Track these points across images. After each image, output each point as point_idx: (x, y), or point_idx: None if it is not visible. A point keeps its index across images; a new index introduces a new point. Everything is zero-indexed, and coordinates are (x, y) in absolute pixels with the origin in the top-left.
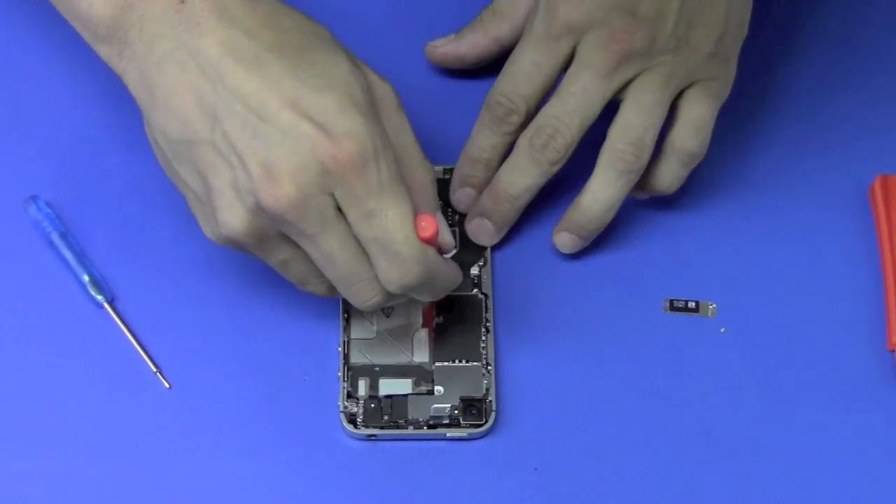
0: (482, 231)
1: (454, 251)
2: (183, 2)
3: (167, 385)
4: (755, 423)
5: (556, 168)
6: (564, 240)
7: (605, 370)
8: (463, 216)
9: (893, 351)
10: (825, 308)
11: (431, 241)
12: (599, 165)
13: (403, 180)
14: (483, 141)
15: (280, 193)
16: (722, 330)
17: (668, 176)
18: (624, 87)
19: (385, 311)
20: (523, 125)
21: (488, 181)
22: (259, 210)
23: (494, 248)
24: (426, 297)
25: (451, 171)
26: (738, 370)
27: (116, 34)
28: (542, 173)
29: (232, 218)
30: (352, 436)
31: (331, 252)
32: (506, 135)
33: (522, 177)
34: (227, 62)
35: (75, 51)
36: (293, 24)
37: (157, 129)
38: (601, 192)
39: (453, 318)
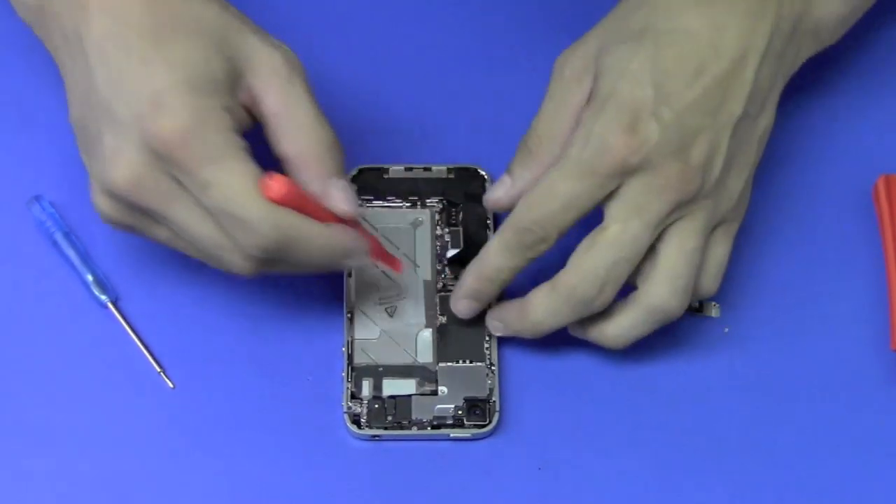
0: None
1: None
2: None
3: (171, 385)
4: (759, 423)
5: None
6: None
7: (609, 370)
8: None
9: None
10: (828, 308)
11: (285, 201)
12: (635, 308)
13: (283, 149)
14: (503, 263)
15: (118, 175)
16: (725, 330)
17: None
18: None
19: (388, 310)
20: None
21: (493, 297)
22: (113, 195)
23: None
24: (303, 265)
25: (454, 170)
26: (742, 370)
27: (43, 25)
28: (578, 313)
29: (99, 201)
30: (355, 436)
31: (182, 226)
32: (528, 260)
33: (554, 316)
34: (106, 45)
35: None
36: (179, 8)
37: (72, 115)
38: (629, 333)
39: (457, 318)
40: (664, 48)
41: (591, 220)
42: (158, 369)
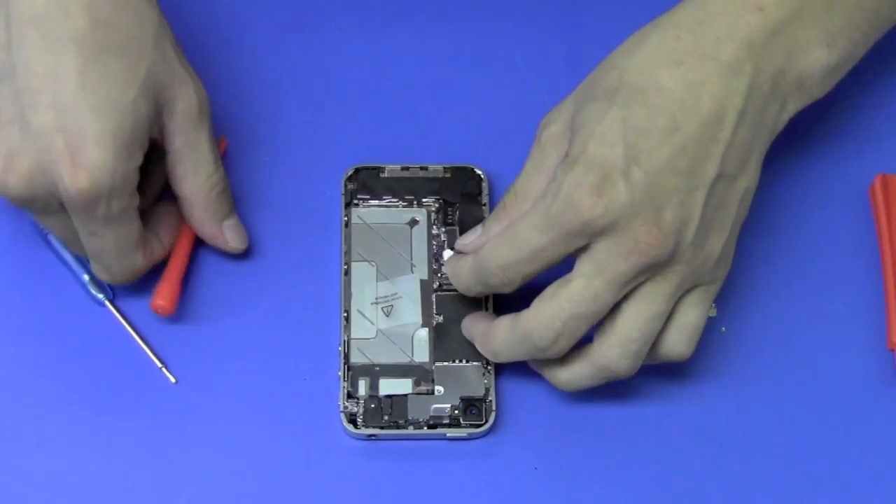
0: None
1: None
2: None
3: (173, 380)
4: (755, 423)
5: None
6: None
7: None
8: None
9: (893, 350)
10: (825, 307)
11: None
12: (585, 361)
13: (182, 189)
14: (469, 286)
15: (10, 183)
16: (722, 329)
17: (643, 367)
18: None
19: (385, 310)
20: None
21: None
22: None
23: None
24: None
25: (450, 169)
26: (739, 369)
27: None
28: (532, 355)
29: None
30: (352, 436)
31: (57, 233)
32: (488, 292)
33: (510, 351)
34: (31, 31)
35: None
36: (114, 18)
37: None
38: (578, 382)
39: (454, 317)
40: (635, 106)
41: None
42: (160, 365)
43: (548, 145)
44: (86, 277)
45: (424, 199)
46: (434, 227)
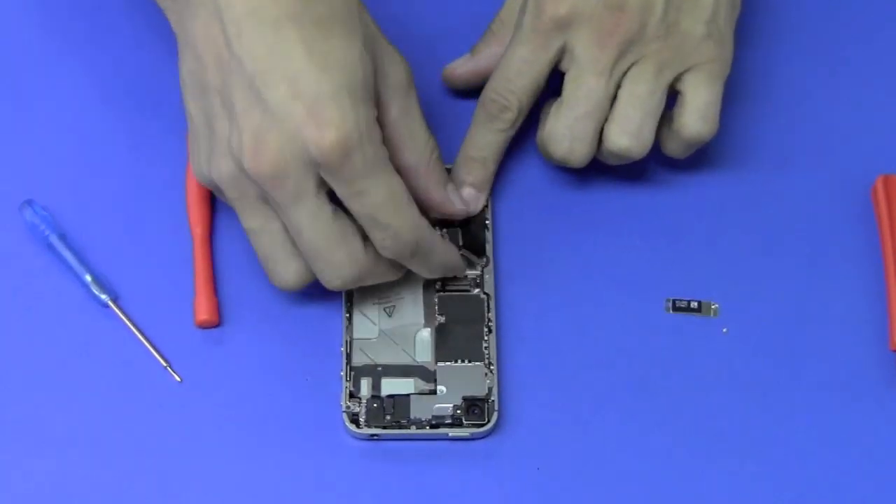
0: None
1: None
2: None
3: (178, 379)
4: (757, 424)
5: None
6: None
7: (608, 370)
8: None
9: (895, 351)
10: (827, 308)
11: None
12: (600, 156)
13: (405, 159)
14: (479, 139)
15: (262, 162)
16: (724, 330)
17: (675, 153)
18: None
19: (387, 310)
20: (517, 121)
21: (487, 179)
22: (242, 170)
23: (496, 247)
24: (423, 271)
25: (451, 170)
26: (741, 370)
27: None
28: (561, 165)
29: (222, 166)
30: (354, 435)
31: (299, 226)
32: (500, 132)
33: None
34: (247, 23)
35: (72, 52)
36: None
37: (183, 65)
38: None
39: (456, 317)
40: None
41: None
42: (164, 364)
43: None
44: (88, 278)
45: None
46: (436, 228)
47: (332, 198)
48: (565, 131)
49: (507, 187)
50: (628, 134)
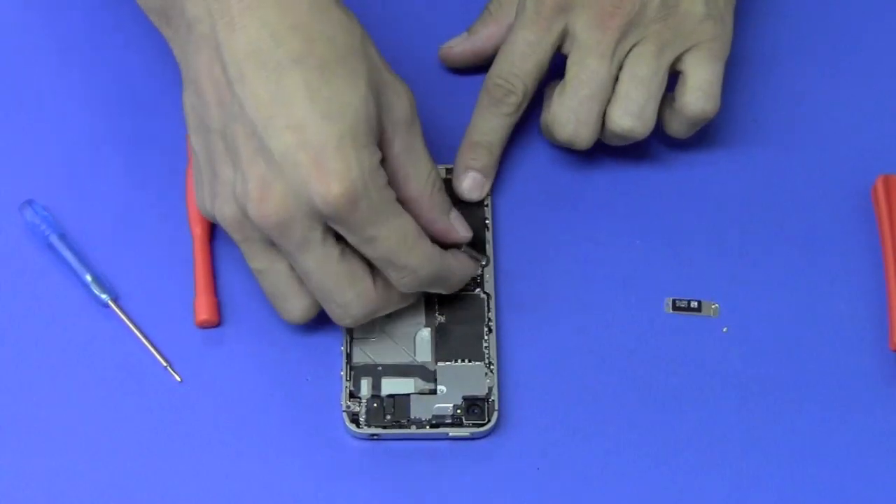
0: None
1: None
2: None
3: (178, 379)
4: (757, 423)
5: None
6: None
7: (608, 370)
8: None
9: (895, 351)
10: (827, 308)
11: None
12: (603, 138)
13: (408, 191)
14: (483, 124)
15: (268, 211)
16: (724, 330)
17: (678, 133)
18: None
19: None
20: (522, 105)
21: (492, 165)
22: (247, 216)
23: (496, 247)
24: (443, 291)
25: (452, 170)
26: (741, 370)
27: (164, 9)
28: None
29: (225, 210)
30: (354, 435)
31: (308, 271)
32: (505, 116)
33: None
34: (249, 65)
35: (72, 52)
36: (324, 33)
37: (186, 98)
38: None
39: (456, 317)
40: None
41: None
42: (165, 364)
43: None
44: (88, 278)
45: None
46: None
47: (339, 236)
48: (569, 114)
49: (507, 187)
50: (631, 115)
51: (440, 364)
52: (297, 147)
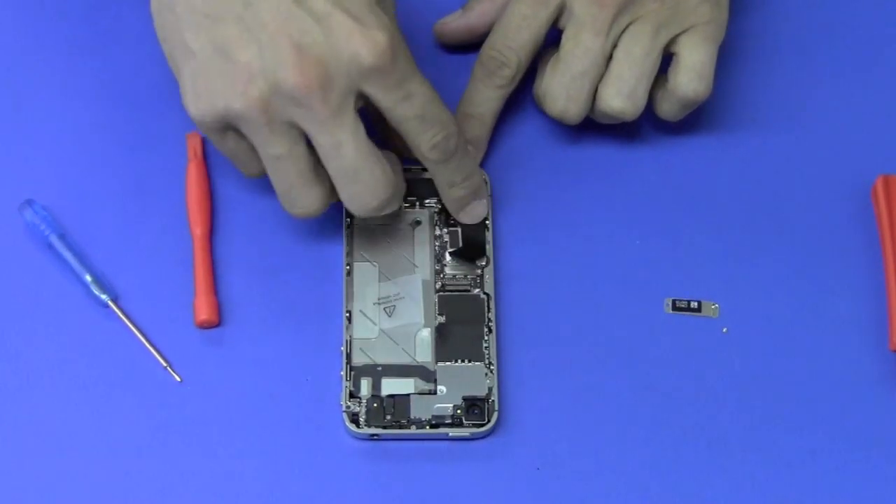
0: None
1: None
2: None
3: (178, 379)
4: (757, 423)
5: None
6: None
7: (608, 370)
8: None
9: (895, 351)
10: (827, 308)
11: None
12: (593, 115)
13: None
14: (476, 95)
15: (309, 72)
16: (724, 330)
17: (669, 115)
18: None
19: (387, 310)
20: (515, 78)
21: (485, 137)
22: (279, 89)
23: (496, 247)
24: (457, 176)
25: None
26: (741, 370)
27: None
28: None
29: (250, 91)
30: (354, 435)
31: (339, 142)
32: (498, 88)
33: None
34: None
35: (72, 52)
36: None
37: (177, 4)
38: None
39: (456, 317)
40: None
41: None
42: (164, 364)
43: None
44: (88, 278)
45: (427, 201)
46: (436, 228)
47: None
48: (561, 90)
49: (508, 187)
50: (622, 96)
51: (440, 364)
52: (333, 10)
